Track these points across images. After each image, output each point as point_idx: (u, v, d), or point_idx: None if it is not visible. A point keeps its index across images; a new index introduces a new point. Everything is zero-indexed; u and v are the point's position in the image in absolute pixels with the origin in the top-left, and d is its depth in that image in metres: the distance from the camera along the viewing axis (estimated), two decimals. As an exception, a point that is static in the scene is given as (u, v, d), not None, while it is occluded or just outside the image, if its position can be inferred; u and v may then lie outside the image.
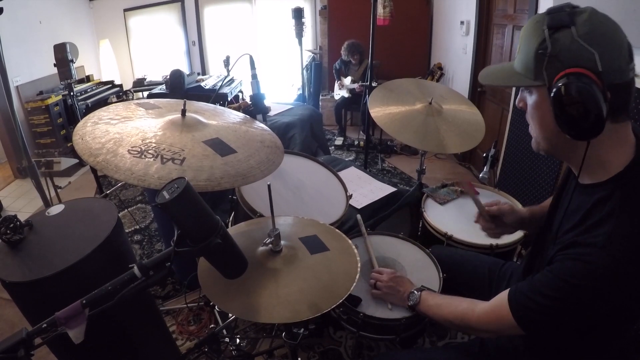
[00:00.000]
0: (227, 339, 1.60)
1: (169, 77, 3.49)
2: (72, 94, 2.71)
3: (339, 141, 4.42)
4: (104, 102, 4.21)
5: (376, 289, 1.19)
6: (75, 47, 2.71)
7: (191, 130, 1.09)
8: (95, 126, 1.06)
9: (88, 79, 4.62)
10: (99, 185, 3.01)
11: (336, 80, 4.63)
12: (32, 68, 3.88)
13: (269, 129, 1.33)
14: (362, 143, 4.18)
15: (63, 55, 2.60)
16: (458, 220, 1.60)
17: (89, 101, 3.98)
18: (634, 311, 0.75)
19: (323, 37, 5.21)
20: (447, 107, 1.79)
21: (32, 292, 0.96)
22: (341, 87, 4.51)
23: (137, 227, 2.81)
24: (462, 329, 1.07)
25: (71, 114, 3.80)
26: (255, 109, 1.56)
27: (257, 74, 1.55)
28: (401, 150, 4.15)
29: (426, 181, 2.21)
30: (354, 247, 1.05)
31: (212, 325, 1.76)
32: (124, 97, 4.74)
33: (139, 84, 4.81)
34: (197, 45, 5.41)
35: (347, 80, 4.43)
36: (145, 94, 4.46)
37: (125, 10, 5.14)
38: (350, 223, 1.54)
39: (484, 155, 1.81)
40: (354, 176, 1.96)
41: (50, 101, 3.74)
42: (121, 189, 3.38)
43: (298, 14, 3.61)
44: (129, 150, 0.96)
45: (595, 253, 0.69)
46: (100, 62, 5.24)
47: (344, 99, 4.43)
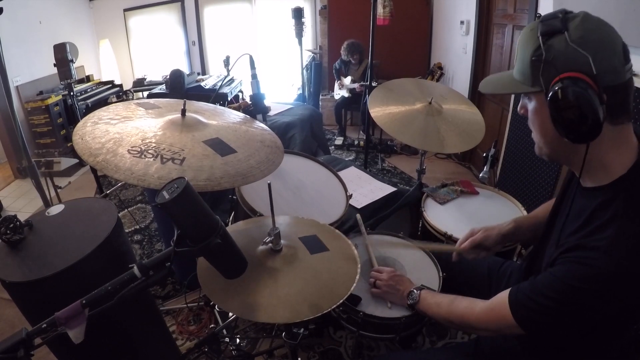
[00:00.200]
0: (227, 339, 1.60)
1: (169, 77, 3.48)
2: (72, 94, 2.72)
3: (339, 141, 4.41)
4: (104, 102, 4.21)
5: (376, 288, 1.19)
6: (75, 47, 2.71)
7: (191, 130, 1.09)
8: (95, 126, 1.06)
9: (88, 79, 4.62)
10: (99, 185, 3.01)
11: (336, 80, 4.62)
12: (32, 68, 3.89)
13: (269, 128, 1.33)
14: (362, 143, 4.18)
15: (63, 55, 2.61)
16: (458, 220, 1.60)
17: (89, 101, 3.99)
18: (636, 313, 0.75)
19: (323, 37, 5.21)
20: (447, 107, 1.79)
21: (32, 292, 0.95)
22: (341, 87, 4.51)
23: (137, 227, 2.81)
24: (461, 327, 1.07)
25: (71, 114, 3.80)
26: (255, 108, 1.57)
27: (257, 73, 1.55)
28: (401, 150, 4.15)
29: (426, 181, 2.21)
30: (353, 247, 1.05)
31: (212, 325, 1.76)
32: (124, 97, 4.74)
33: (139, 84, 4.81)
34: (197, 45, 5.41)
35: (347, 80, 4.43)
36: (145, 93, 4.46)
37: (125, 10, 5.14)
38: (350, 223, 1.54)
39: (484, 155, 1.81)
40: (354, 176, 1.96)
41: (50, 101, 3.74)
42: (121, 189, 3.38)
43: (298, 13, 3.61)
44: (128, 150, 0.96)
45: (598, 256, 0.69)
46: (100, 62, 5.24)
47: (344, 98, 4.43)
